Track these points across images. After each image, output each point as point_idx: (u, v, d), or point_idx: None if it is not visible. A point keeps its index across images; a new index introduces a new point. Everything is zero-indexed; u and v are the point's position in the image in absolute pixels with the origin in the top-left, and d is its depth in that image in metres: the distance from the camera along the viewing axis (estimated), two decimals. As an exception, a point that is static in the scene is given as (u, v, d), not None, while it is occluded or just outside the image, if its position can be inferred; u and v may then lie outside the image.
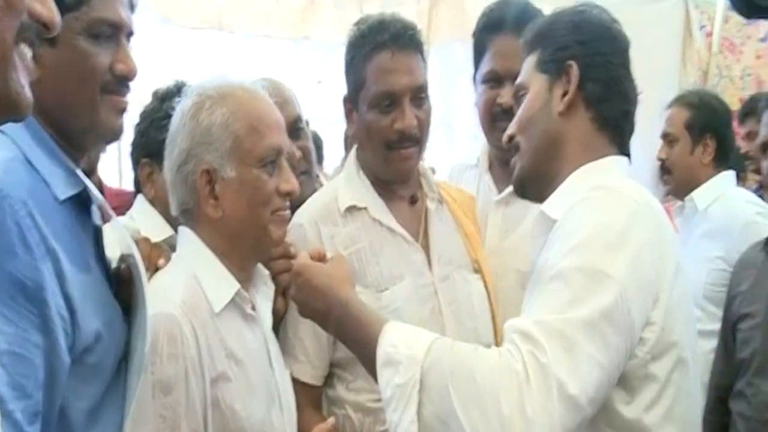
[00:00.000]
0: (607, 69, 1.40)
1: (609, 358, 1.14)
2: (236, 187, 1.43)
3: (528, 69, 1.47)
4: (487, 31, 1.98)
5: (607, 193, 1.28)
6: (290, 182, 1.48)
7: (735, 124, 4.60)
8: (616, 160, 1.40)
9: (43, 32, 0.93)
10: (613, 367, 1.16)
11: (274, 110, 1.50)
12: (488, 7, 2.02)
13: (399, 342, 1.21)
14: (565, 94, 1.40)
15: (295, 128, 1.93)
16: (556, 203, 1.37)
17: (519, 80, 1.49)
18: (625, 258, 1.18)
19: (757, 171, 2.40)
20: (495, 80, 1.96)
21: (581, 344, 1.11)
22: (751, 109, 3.26)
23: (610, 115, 1.40)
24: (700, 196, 2.61)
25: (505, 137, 1.50)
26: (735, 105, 5.29)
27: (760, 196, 2.69)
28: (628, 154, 1.45)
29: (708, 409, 2.27)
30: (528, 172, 1.45)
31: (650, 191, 1.38)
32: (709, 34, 5.31)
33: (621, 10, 5.16)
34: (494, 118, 1.96)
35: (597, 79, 1.39)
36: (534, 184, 1.45)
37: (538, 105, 1.43)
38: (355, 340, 1.32)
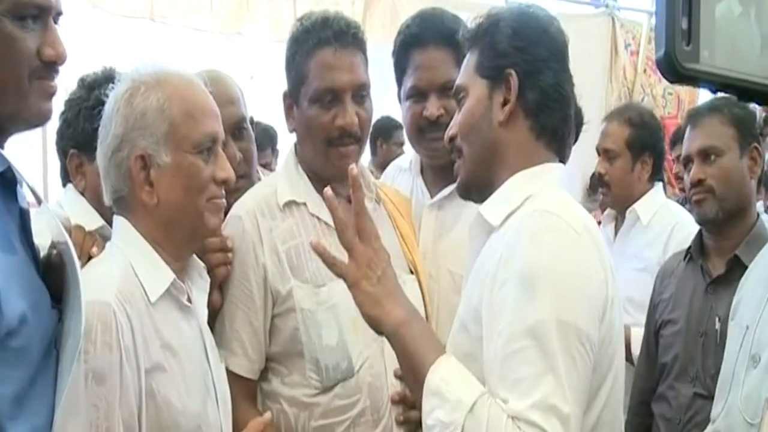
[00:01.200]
0: (545, 75, 1.39)
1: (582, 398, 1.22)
2: (171, 174, 1.40)
3: (467, 70, 1.46)
4: (406, 48, 1.95)
5: (550, 223, 1.27)
6: (226, 170, 1.45)
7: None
8: (551, 168, 1.41)
9: None
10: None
11: (210, 98, 1.48)
12: (404, 24, 1.99)
13: (451, 380, 1.25)
14: (505, 102, 1.39)
15: (238, 128, 1.90)
16: (492, 208, 1.39)
17: (459, 81, 1.48)
18: (583, 302, 1.23)
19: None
20: (419, 95, 1.93)
21: (567, 408, 1.17)
22: (680, 136, 3.40)
23: (549, 123, 1.40)
24: (642, 209, 2.69)
25: (446, 138, 1.50)
26: (657, 122, 5.51)
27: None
28: (564, 160, 1.46)
29: (631, 411, 2.36)
30: (471, 177, 1.45)
31: (578, 200, 1.43)
32: (634, 53, 5.51)
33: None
34: (421, 130, 1.95)
35: (536, 87, 1.38)
36: (477, 188, 1.46)
37: (479, 112, 1.41)
38: (411, 354, 1.32)
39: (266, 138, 4.12)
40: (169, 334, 1.37)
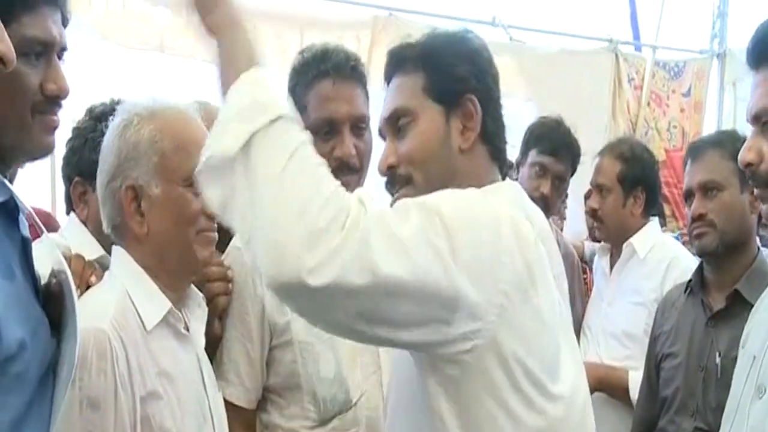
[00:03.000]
0: (496, 103, 1.40)
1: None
2: (161, 205, 1.42)
3: (412, 93, 1.37)
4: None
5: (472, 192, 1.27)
6: None
7: (663, 174, 4.83)
8: (506, 185, 1.40)
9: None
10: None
11: (202, 131, 1.49)
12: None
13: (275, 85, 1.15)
14: (464, 128, 1.35)
15: None
16: None
17: (401, 103, 1.38)
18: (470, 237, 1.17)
19: None
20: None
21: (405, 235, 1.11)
22: None
23: (501, 148, 1.41)
24: (638, 244, 2.68)
25: (382, 166, 1.41)
26: (662, 156, 5.53)
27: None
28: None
29: (632, 443, 2.35)
30: None
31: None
32: (638, 87, 5.54)
33: (553, 59, 5.35)
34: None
35: (491, 114, 1.38)
36: None
37: (436, 141, 1.36)
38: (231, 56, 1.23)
39: None
40: (166, 361, 1.38)
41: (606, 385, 2.53)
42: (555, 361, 1.25)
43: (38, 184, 2.88)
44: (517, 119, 2.94)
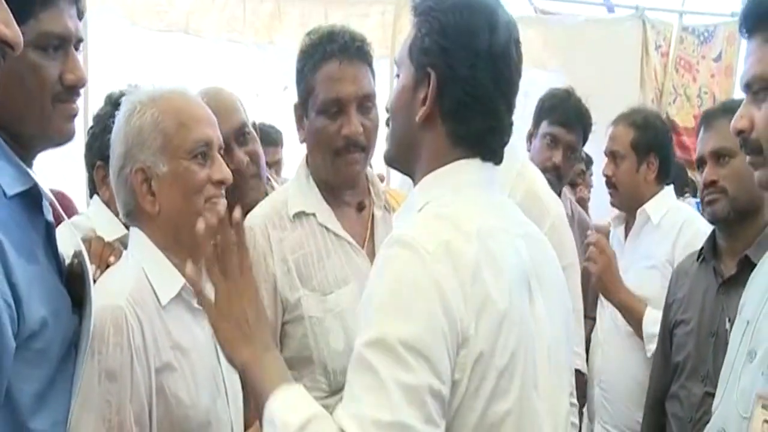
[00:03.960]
0: (467, 84, 1.28)
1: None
2: (170, 181, 1.50)
3: (404, 45, 1.35)
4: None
5: (399, 255, 1.21)
6: (222, 172, 1.54)
7: (692, 140, 4.78)
8: (461, 165, 1.33)
9: (8, 51, 1.01)
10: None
11: (203, 108, 1.57)
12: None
13: (285, 406, 1.23)
14: (425, 99, 1.30)
15: (241, 134, 2.00)
16: (400, 218, 1.39)
17: (398, 55, 1.38)
18: (414, 318, 1.17)
19: None
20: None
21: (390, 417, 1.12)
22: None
23: (468, 134, 1.31)
24: (652, 209, 2.71)
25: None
26: (690, 123, 5.48)
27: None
28: (496, 162, 1.38)
29: (646, 410, 2.39)
30: (391, 157, 1.43)
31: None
32: (665, 54, 5.48)
33: (583, 29, 5.31)
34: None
35: (454, 94, 1.29)
36: (397, 168, 1.46)
37: (403, 101, 1.34)
38: (258, 391, 1.30)
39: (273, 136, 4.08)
40: (180, 335, 1.47)
41: (624, 308, 2.60)
42: None
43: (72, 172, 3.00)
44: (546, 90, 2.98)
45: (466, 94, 1.29)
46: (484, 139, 1.33)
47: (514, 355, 1.24)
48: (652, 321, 2.47)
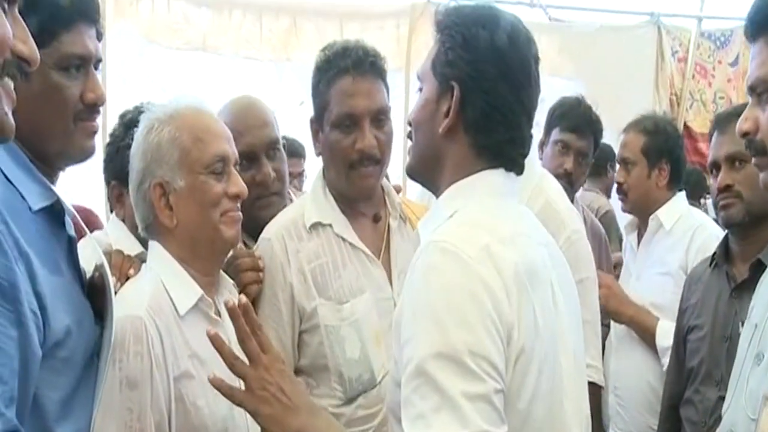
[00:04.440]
0: (490, 96, 1.33)
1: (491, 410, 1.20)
2: (187, 195, 1.55)
3: (428, 60, 1.41)
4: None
5: (438, 257, 1.26)
6: (238, 185, 1.59)
7: (708, 146, 4.77)
8: (486, 175, 1.37)
9: (25, 68, 1.07)
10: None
11: (218, 122, 1.63)
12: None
13: None
14: (448, 112, 1.36)
15: (273, 149, 2.04)
16: (426, 226, 1.41)
17: (420, 70, 1.43)
18: (467, 327, 1.20)
19: None
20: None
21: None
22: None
23: (491, 144, 1.36)
24: (665, 215, 2.73)
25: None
26: (706, 128, 5.45)
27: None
28: (518, 173, 1.42)
29: (662, 416, 2.41)
30: (414, 170, 1.47)
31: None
32: (682, 60, 5.47)
33: (597, 36, 5.32)
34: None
35: (477, 105, 1.34)
36: (421, 180, 1.49)
37: (427, 113, 1.39)
38: None
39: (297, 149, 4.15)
40: (198, 344, 1.51)
41: (635, 324, 2.65)
42: None
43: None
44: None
45: (488, 106, 1.34)
46: (505, 149, 1.38)
47: (547, 355, 1.29)
48: (665, 333, 2.49)
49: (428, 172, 1.44)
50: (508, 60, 1.35)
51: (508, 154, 1.39)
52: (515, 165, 1.41)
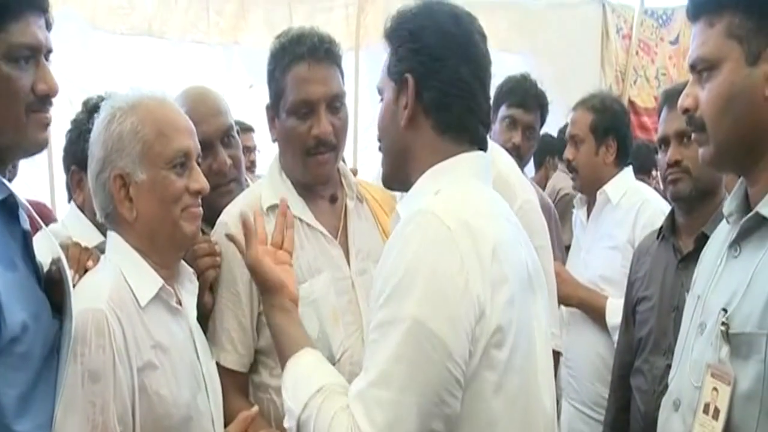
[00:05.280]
0: (442, 73, 1.41)
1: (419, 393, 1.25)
2: (148, 189, 1.54)
3: (383, 70, 1.50)
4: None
5: (422, 222, 1.32)
6: (200, 182, 1.58)
7: (653, 120, 4.90)
8: (462, 159, 1.44)
9: None
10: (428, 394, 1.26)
11: (182, 116, 1.62)
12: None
13: (290, 386, 1.40)
14: (407, 105, 1.43)
15: (227, 136, 2.04)
16: (407, 203, 1.47)
17: (378, 83, 1.52)
18: (443, 308, 1.27)
19: None
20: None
21: (392, 403, 1.24)
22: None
23: (452, 119, 1.43)
24: (611, 190, 2.80)
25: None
26: (651, 103, 5.59)
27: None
28: (483, 148, 1.48)
29: (612, 386, 2.48)
30: (388, 175, 1.54)
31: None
32: (626, 37, 5.58)
33: (543, 13, 5.38)
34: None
35: (432, 87, 1.41)
36: (397, 183, 1.55)
37: (389, 116, 1.47)
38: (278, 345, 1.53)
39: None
40: (160, 334, 1.51)
41: (585, 306, 2.74)
42: None
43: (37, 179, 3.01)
44: (513, 73, 3.08)
45: (442, 83, 1.41)
46: (466, 120, 1.44)
47: (521, 331, 1.35)
48: (615, 311, 2.57)
49: (402, 171, 1.48)
50: (455, 37, 1.42)
51: (469, 124, 1.44)
52: (481, 140, 1.47)
